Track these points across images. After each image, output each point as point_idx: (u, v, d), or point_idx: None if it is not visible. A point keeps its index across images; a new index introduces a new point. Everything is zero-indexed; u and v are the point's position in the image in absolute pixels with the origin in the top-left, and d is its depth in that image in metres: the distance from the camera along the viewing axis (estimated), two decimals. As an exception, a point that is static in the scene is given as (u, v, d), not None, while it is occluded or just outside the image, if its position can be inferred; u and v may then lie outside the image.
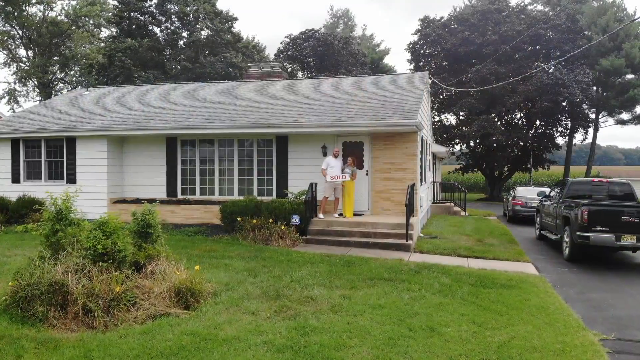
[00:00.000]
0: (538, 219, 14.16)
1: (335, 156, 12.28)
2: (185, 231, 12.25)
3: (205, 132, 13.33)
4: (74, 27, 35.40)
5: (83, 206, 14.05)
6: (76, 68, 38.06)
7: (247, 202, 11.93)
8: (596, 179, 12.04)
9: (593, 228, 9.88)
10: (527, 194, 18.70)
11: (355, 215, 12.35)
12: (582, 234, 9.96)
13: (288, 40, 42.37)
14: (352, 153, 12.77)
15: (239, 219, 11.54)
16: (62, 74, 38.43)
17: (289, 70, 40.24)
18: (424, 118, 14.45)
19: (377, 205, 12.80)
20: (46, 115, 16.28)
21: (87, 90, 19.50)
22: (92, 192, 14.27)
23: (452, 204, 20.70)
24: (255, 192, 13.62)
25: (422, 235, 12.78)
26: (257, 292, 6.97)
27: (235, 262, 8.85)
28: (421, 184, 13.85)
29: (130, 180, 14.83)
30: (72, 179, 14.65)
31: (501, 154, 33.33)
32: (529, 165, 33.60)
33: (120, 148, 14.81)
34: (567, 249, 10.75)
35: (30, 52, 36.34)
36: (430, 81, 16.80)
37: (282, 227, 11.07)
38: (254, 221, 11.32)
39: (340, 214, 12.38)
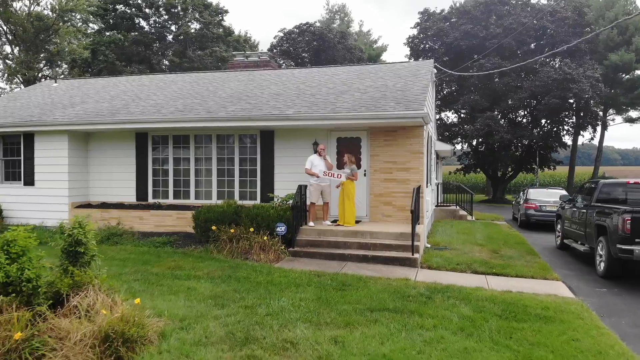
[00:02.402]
0: (559, 226, 12.47)
1: (320, 154, 10.55)
2: (153, 241, 10.49)
3: (178, 125, 11.56)
4: (60, 23, 33.61)
5: (41, 211, 12.52)
6: (65, 66, 36.38)
7: (225, 207, 10.20)
8: (632, 181, 10.34)
9: (637, 240, 8.21)
10: (542, 196, 16.88)
11: (351, 222, 10.60)
12: (623, 247, 8.28)
13: (282, 34, 40.44)
14: (348, 150, 11.04)
15: (213, 227, 9.78)
16: (49, 71, 36.62)
17: (283, 65, 38.35)
18: (430, 111, 12.72)
19: (376, 211, 11.09)
20: (5, 109, 14.47)
21: (56, 82, 17.70)
22: (51, 195, 12.58)
23: (458, 208, 18.99)
24: (236, 196, 11.88)
25: (428, 245, 11.06)
26: (219, 332, 5.23)
27: (201, 285, 7.11)
28: (427, 186, 12.14)
29: (96, 182, 13.07)
30: (29, 181, 12.91)
31: (505, 153, 31.62)
32: (534, 166, 31.86)
33: (84, 145, 13.05)
34: (603, 264, 9.06)
35: (16, 49, 34.56)
36: (435, 71, 15.05)
37: (265, 238, 9.34)
38: (232, 230, 9.59)
39: (334, 221, 10.66)
